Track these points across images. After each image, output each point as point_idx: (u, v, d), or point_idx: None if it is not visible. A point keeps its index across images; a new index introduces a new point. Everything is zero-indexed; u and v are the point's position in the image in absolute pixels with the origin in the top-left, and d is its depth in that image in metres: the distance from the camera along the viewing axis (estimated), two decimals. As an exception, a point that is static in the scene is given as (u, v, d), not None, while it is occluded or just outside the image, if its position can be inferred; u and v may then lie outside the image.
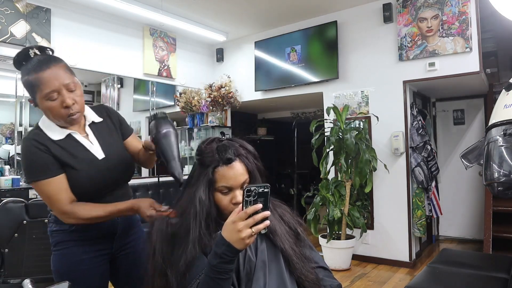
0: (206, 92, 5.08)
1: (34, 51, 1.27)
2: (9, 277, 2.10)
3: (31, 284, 1.03)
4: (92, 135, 1.36)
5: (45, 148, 1.24)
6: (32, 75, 1.22)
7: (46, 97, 1.22)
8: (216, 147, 1.04)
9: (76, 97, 1.26)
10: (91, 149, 1.33)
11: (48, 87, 1.20)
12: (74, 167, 1.27)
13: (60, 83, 1.22)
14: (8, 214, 2.12)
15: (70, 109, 1.24)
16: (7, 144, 3.62)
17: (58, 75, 1.22)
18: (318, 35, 4.38)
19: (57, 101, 1.23)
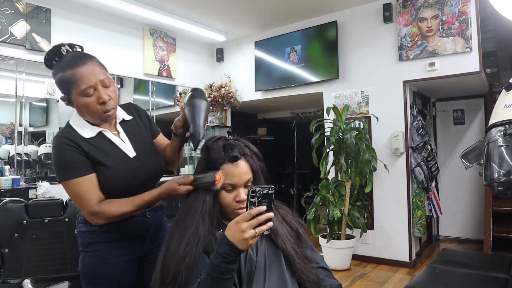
0: (206, 92, 5.08)
1: (66, 48, 1.23)
2: (9, 277, 2.10)
3: (31, 284, 1.03)
4: (123, 133, 1.34)
5: (77, 146, 1.21)
6: (67, 71, 1.19)
7: (82, 93, 1.19)
8: (222, 145, 1.06)
9: (111, 93, 1.24)
10: (122, 147, 1.31)
11: (85, 83, 1.18)
12: (106, 165, 1.24)
13: (96, 79, 1.20)
14: (8, 214, 2.13)
15: (106, 105, 1.22)
16: (7, 144, 3.62)
17: (94, 70, 1.20)
18: (318, 35, 4.38)
19: (93, 97, 1.20)
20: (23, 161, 3.58)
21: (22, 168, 3.55)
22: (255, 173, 1.07)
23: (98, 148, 1.25)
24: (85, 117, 1.26)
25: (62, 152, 1.21)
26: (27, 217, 2.15)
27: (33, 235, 2.15)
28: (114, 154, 1.28)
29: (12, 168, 3.46)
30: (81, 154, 1.21)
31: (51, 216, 2.20)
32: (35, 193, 3.21)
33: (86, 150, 1.22)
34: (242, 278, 0.98)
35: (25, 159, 3.62)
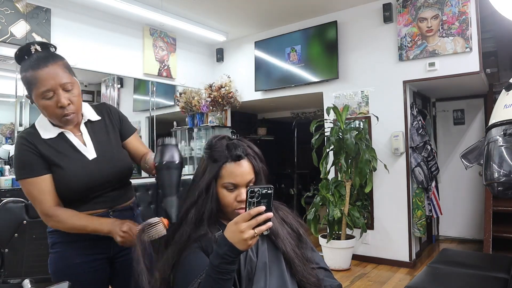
0: (206, 92, 5.08)
1: (36, 48, 1.23)
2: (9, 277, 2.09)
3: (31, 284, 1.03)
4: (86, 134, 1.33)
5: (33, 146, 1.22)
6: (29, 72, 1.19)
7: (41, 96, 1.20)
8: (226, 144, 1.06)
9: (72, 97, 1.23)
10: (81, 149, 1.29)
11: (43, 86, 1.18)
12: (61, 166, 1.24)
13: (56, 83, 1.19)
14: (8, 214, 2.12)
15: (65, 110, 1.22)
16: (7, 144, 3.62)
17: (55, 74, 1.19)
18: (318, 35, 4.38)
19: (52, 101, 1.20)
20: (23, 161, 3.58)
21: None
22: (257, 174, 1.07)
23: (56, 149, 1.25)
24: (47, 118, 1.27)
25: (19, 152, 1.23)
26: (27, 217, 2.15)
27: (33, 235, 2.15)
28: (72, 155, 1.27)
29: (12, 168, 3.46)
30: (36, 155, 1.22)
31: (51, 216, 2.20)
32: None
33: (42, 151, 1.23)
34: (242, 278, 0.98)
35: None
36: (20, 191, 3.37)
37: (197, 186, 1.06)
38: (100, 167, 1.30)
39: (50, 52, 1.27)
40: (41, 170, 1.22)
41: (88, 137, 1.33)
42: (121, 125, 1.45)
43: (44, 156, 1.23)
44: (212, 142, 1.09)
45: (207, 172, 1.05)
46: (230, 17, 4.45)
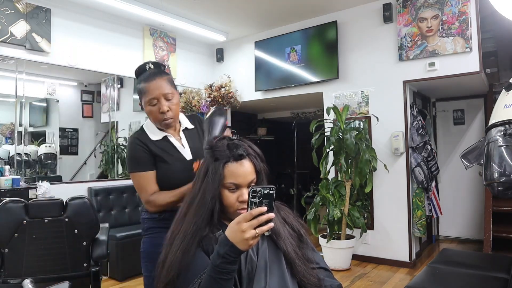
0: (206, 92, 5.08)
1: (150, 66, 1.55)
2: (9, 277, 2.09)
3: (31, 284, 1.03)
4: (184, 139, 1.59)
5: (145, 146, 1.49)
6: (141, 84, 1.51)
7: (148, 103, 1.49)
8: (227, 144, 1.06)
9: (171, 105, 1.50)
10: (181, 151, 1.55)
11: (150, 94, 1.48)
12: (167, 162, 1.50)
13: (160, 92, 1.47)
14: (8, 214, 2.12)
15: (164, 115, 1.48)
16: (7, 144, 3.61)
17: (160, 85, 1.48)
18: (318, 35, 4.38)
19: (155, 107, 1.48)
20: (23, 161, 3.58)
21: (22, 168, 3.55)
22: (258, 174, 1.07)
23: (162, 149, 1.52)
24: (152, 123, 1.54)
25: (133, 150, 1.51)
26: (27, 217, 2.15)
27: (33, 235, 2.15)
28: (175, 155, 1.53)
29: (12, 168, 3.46)
30: (147, 153, 1.49)
31: (51, 216, 2.19)
32: (35, 193, 3.21)
33: (151, 149, 1.50)
34: (243, 278, 0.98)
35: (25, 159, 3.63)
36: (20, 191, 3.38)
37: (199, 186, 1.06)
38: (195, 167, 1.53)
39: (160, 69, 1.57)
40: (150, 166, 1.49)
41: (185, 141, 1.59)
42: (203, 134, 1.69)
43: (153, 154, 1.50)
44: (213, 142, 1.09)
45: (209, 172, 1.04)
46: (230, 17, 4.45)
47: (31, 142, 3.87)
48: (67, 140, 4.16)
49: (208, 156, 1.07)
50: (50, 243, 2.19)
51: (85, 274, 2.26)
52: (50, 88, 3.96)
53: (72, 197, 2.29)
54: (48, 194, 3.22)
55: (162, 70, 1.58)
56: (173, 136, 1.57)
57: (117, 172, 4.32)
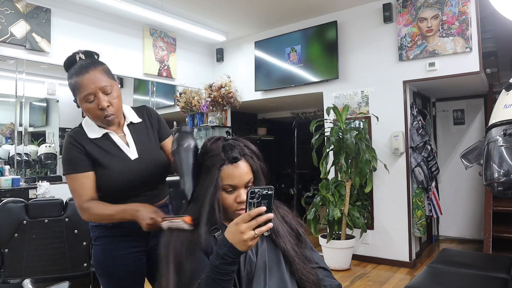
0: (206, 92, 5.08)
1: (80, 56, 1.36)
2: (9, 277, 2.09)
3: (31, 284, 1.03)
4: (129, 135, 1.42)
5: (80, 146, 1.33)
6: (73, 79, 1.32)
7: (84, 99, 1.31)
8: (222, 146, 1.05)
9: (112, 99, 1.33)
10: (124, 149, 1.39)
11: (85, 90, 1.29)
12: (105, 165, 1.34)
13: (96, 87, 1.29)
14: (8, 214, 2.12)
15: (105, 111, 1.32)
16: (7, 144, 3.62)
17: (95, 78, 1.30)
18: (318, 35, 4.38)
19: (93, 103, 1.31)
20: (23, 161, 3.59)
21: (22, 168, 3.55)
22: (255, 173, 1.06)
23: (101, 148, 1.35)
24: (92, 120, 1.38)
25: (66, 149, 1.35)
26: (27, 217, 2.15)
27: (33, 235, 2.15)
28: (116, 155, 1.37)
29: (12, 168, 3.46)
30: (82, 153, 1.33)
31: (51, 216, 2.20)
32: (35, 193, 3.21)
33: (88, 150, 1.33)
34: (242, 279, 0.98)
35: (25, 159, 3.63)
36: (20, 191, 3.38)
37: (197, 189, 1.06)
38: (141, 166, 1.39)
39: (92, 59, 1.38)
40: (85, 167, 1.33)
41: (130, 138, 1.42)
42: (160, 127, 1.54)
43: (89, 155, 1.34)
44: (207, 146, 1.08)
45: (205, 177, 1.04)
46: (230, 17, 4.45)
47: (31, 142, 3.87)
48: (67, 140, 4.15)
49: (203, 160, 1.06)
50: (50, 243, 2.19)
51: (85, 274, 2.26)
52: (50, 88, 3.96)
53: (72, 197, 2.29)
54: (48, 194, 3.22)
55: (96, 60, 1.39)
56: (116, 132, 1.40)
57: (117, 172, 4.31)
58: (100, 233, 1.42)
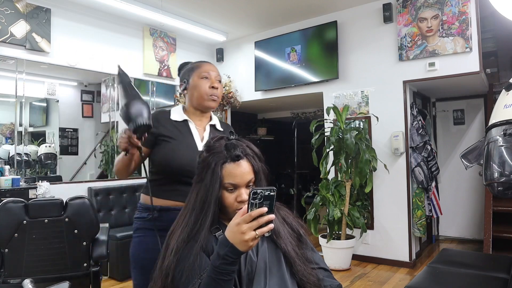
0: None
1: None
2: (9, 277, 2.09)
3: (31, 284, 1.02)
4: (207, 132, 1.52)
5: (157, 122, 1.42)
6: (194, 64, 1.56)
7: (200, 75, 1.50)
8: (225, 144, 1.06)
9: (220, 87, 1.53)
10: (196, 138, 1.48)
11: (204, 70, 1.51)
12: (173, 139, 1.43)
13: (214, 73, 1.53)
14: (8, 214, 2.12)
15: (213, 90, 1.49)
16: (7, 144, 3.61)
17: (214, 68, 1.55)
18: (318, 35, 4.38)
19: (207, 81, 1.50)
20: (23, 161, 3.58)
21: (22, 168, 3.55)
22: (256, 174, 1.06)
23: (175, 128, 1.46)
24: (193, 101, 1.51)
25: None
26: (27, 217, 2.15)
27: (33, 235, 2.15)
28: (187, 138, 1.46)
29: (12, 168, 3.46)
30: (153, 129, 1.37)
31: (51, 216, 2.20)
32: (35, 193, 3.21)
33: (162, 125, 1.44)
34: (242, 279, 0.98)
35: (25, 159, 3.62)
36: (20, 191, 3.37)
37: (198, 187, 1.06)
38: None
39: None
40: (148, 141, 1.39)
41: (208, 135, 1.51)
42: None
43: (161, 131, 1.43)
44: (210, 143, 1.09)
45: (207, 174, 1.04)
46: (230, 17, 4.45)
47: (31, 142, 3.87)
48: (67, 140, 4.16)
49: (205, 157, 1.06)
50: (50, 243, 2.19)
51: (85, 274, 2.26)
52: (50, 88, 3.96)
53: (72, 197, 2.29)
54: (48, 194, 3.22)
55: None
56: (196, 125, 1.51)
57: (117, 172, 4.31)
58: (140, 225, 1.46)
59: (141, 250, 1.43)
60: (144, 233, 1.44)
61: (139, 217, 1.47)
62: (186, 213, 1.07)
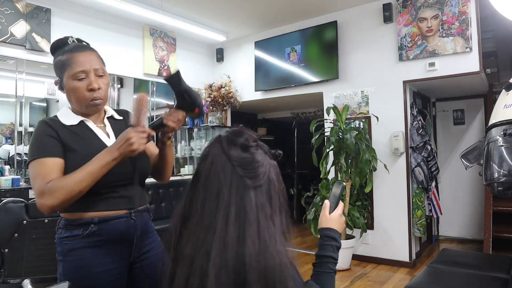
0: (206, 92, 5.08)
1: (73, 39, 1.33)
2: (9, 277, 2.10)
3: (31, 284, 1.02)
4: (109, 127, 1.32)
5: (53, 131, 1.19)
6: (65, 55, 1.24)
7: (74, 77, 1.21)
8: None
9: (102, 84, 1.25)
10: (102, 137, 1.26)
11: (78, 67, 1.21)
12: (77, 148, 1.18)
13: (90, 66, 1.22)
14: (8, 214, 2.13)
15: (94, 93, 1.22)
16: (7, 144, 3.62)
17: (90, 58, 1.24)
18: (318, 35, 4.38)
19: (83, 82, 1.21)
20: (23, 161, 3.58)
21: (22, 168, 3.55)
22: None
23: (77, 134, 1.21)
24: (73, 105, 1.26)
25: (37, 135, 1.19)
26: (27, 217, 2.15)
27: (33, 235, 2.15)
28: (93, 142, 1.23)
29: (12, 168, 3.46)
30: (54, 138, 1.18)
31: (51, 216, 2.19)
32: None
33: (61, 135, 1.18)
34: None
35: (25, 159, 3.63)
36: (20, 191, 3.36)
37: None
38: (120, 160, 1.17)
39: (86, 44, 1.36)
40: (56, 153, 1.16)
41: (111, 129, 1.31)
42: None
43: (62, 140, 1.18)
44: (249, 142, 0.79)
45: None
46: (230, 17, 4.45)
47: (31, 142, 3.87)
48: (67, 140, 4.16)
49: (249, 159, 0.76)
50: (50, 243, 2.18)
51: (85, 274, 2.25)
52: (50, 88, 3.96)
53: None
54: (48, 194, 3.22)
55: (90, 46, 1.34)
56: (94, 122, 1.28)
57: (117, 172, 4.31)
58: (73, 245, 1.17)
59: (85, 276, 1.16)
60: (81, 254, 1.16)
61: (69, 236, 1.18)
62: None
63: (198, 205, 0.72)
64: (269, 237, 0.68)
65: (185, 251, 0.70)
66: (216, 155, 0.75)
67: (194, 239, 0.69)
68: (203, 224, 0.69)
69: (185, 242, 0.71)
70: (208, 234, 0.68)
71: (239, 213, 0.69)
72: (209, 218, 0.69)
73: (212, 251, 0.66)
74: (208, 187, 0.72)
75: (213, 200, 0.70)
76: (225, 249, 0.66)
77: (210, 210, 0.70)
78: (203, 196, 0.72)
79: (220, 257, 0.65)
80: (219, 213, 0.69)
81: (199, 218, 0.71)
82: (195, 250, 0.68)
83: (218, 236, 0.67)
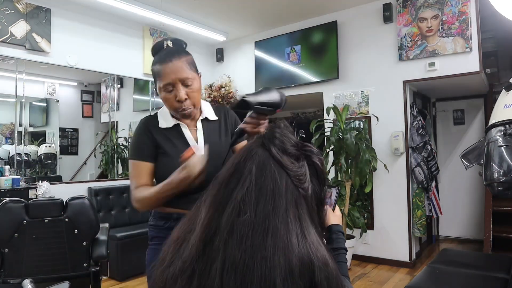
0: (206, 92, 5.08)
1: (168, 43, 1.35)
2: (9, 277, 2.10)
3: (31, 284, 1.03)
4: (200, 131, 1.37)
5: (149, 133, 1.31)
6: (156, 66, 1.30)
7: (163, 89, 1.28)
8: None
9: (191, 92, 1.29)
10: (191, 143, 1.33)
11: (165, 79, 1.26)
12: (168, 154, 1.30)
13: (176, 77, 1.26)
14: (8, 214, 2.13)
15: (182, 104, 1.28)
16: (7, 144, 3.61)
17: (177, 68, 1.26)
18: (318, 35, 4.38)
19: (171, 94, 1.28)
20: (23, 161, 3.58)
21: (22, 168, 3.55)
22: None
23: (168, 138, 1.32)
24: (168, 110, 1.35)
25: (136, 134, 1.35)
26: (27, 217, 2.15)
27: (33, 235, 2.15)
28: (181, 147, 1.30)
29: (12, 168, 3.46)
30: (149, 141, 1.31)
31: (51, 216, 2.20)
32: (35, 193, 3.21)
33: (156, 137, 1.31)
34: None
35: (25, 159, 3.62)
36: (20, 191, 3.37)
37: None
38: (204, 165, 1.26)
39: (179, 47, 1.37)
40: (148, 157, 1.31)
41: (201, 134, 1.37)
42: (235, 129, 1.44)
43: (156, 143, 1.31)
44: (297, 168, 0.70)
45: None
46: (230, 17, 4.45)
47: (31, 142, 3.87)
48: (67, 140, 4.16)
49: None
50: (50, 243, 2.19)
51: (85, 274, 2.26)
52: (50, 88, 3.97)
53: (72, 197, 2.29)
54: (48, 194, 3.22)
55: (182, 49, 1.36)
56: (188, 126, 1.35)
57: (117, 172, 4.32)
58: (156, 233, 1.35)
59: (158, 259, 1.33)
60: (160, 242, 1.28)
61: (154, 225, 1.36)
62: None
63: (249, 207, 0.65)
64: (318, 241, 0.66)
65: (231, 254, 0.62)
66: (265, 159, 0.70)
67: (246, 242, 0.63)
68: (257, 227, 0.64)
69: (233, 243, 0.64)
70: (267, 239, 0.62)
71: (295, 217, 0.65)
72: (265, 221, 0.64)
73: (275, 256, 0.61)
74: (262, 188, 0.67)
75: (269, 202, 0.66)
76: (290, 252, 0.62)
77: (265, 213, 0.65)
78: (256, 196, 0.67)
79: (285, 263, 0.61)
80: (277, 216, 0.64)
81: (251, 219, 0.64)
82: (246, 255, 0.62)
83: (281, 241, 0.62)
